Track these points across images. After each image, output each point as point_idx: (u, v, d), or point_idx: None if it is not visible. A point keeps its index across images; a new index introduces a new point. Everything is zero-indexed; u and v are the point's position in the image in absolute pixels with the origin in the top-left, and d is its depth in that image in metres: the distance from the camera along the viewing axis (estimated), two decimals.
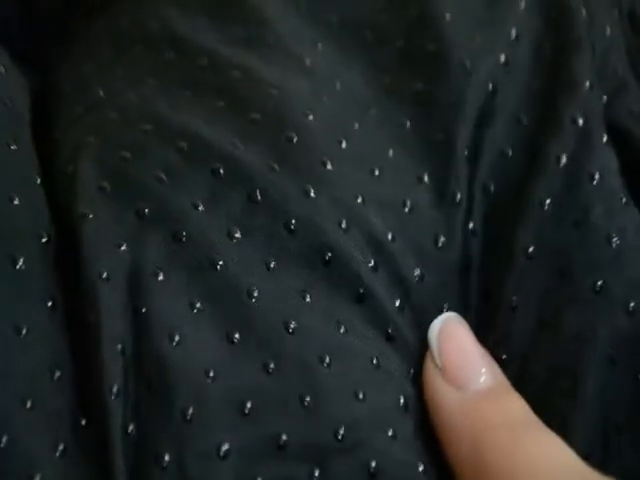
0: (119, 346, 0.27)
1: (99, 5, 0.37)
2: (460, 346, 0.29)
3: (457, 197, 0.31)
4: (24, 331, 0.27)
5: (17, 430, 0.26)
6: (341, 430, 0.27)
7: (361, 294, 0.29)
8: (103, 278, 0.28)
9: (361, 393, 0.28)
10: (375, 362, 0.29)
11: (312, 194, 0.29)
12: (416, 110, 0.32)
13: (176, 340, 0.27)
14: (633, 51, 0.34)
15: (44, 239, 0.29)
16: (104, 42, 0.35)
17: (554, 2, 0.33)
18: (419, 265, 0.30)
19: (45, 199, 0.30)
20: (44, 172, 0.31)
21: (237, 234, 0.29)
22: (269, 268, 0.29)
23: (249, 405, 0.27)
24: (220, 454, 0.26)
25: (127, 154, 0.30)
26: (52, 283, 0.29)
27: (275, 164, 0.30)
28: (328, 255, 0.29)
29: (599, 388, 0.28)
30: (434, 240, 0.31)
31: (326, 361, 0.28)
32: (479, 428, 0.27)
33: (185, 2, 0.35)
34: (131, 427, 0.27)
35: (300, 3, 0.34)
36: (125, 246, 0.29)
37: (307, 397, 0.27)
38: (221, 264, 0.29)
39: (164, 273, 0.28)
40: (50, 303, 0.28)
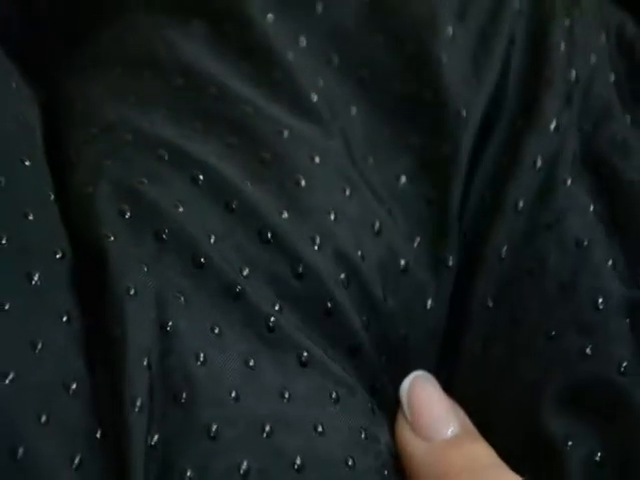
0: (145, 360, 0.28)
1: (101, 16, 0.37)
2: (428, 402, 0.31)
3: (449, 263, 0.33)
4: (39, 346, 0.28)
5: (33, 444, 0.27)
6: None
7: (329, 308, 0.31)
8: (131, 294, 0.29)
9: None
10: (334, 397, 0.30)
11: (317, 243, 0.31)
12: (412, 163, 0.34)
13: (201, 360, 0.29)
14: (619, 74, 0.35)
15: (59, 255, 0.30)
16: (113, 63, 0.36)
17: (538, 36, 0.35)
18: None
19: (59, 216, 0.31)
20: (57, 189, 0.32)
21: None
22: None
23: (267, 428, 0.28)
24: (241, 472, 0.28)
25: (144, 179, 0.31)
26: (67, 298, 0.29)
27: (284, 209, 0.31)
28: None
29: None
30: None
31: None
32: (444, 473, 0.29)
33: (185, 30, 0.35)
34: (155, 440, 0.28)
35: (300, 38, 0.35)
36: (146, 268, 0.30)
37: (319, 426, 0.29)
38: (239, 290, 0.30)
39: (184, 296, 0.30)
40: (65, 318, 0.29)
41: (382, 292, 0.32)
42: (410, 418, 0.31)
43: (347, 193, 0.32)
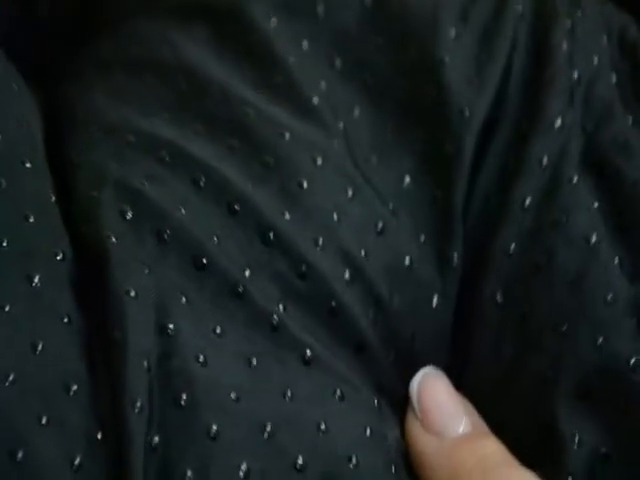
0: (145, 362, 0.28)
1: (102, 19, 0.37)
2: (438, 399, 0.31)
3: (454, 261, 0.33)
4: (40, 347, 0.28)
5: (33, 445, 0.27)
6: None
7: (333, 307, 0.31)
8: (131, 296, 0.29)
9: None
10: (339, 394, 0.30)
11: (320, 243, 0.31)
12: (415, 163, 0.34)
13: (201, 361, 0.29)
14: (621, 75, 0.35)
15: (59, 256, 0.30)
16: (114, 65, 0.36)
17: (540, 37, 0.35)
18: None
19: (60, 217, 0.31)
20: (58, 191, 0.32)
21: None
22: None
23: (269, 428, 0.28)
24: (241, 473, 0.28)
25: (145, 181, 0.31)
26: (68, 300, 0.29)
27: (286, 211, 0.31)
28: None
29: None
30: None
31: None
32: (455, 470, 0.29)
33: (188, 33, 0.35)
34: (155, 442, 0.28)
35: (303, 42, 0.35)
36: (148, 270, 0.30)
37: (322, 424, 0.29)
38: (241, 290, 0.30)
39: (186, 297, 0.30)
40: (66, 319, 0.29)
41: (387, 291, 0.32)
42: (420, 415, 0.31)
43: (350, 194, 0.32)
